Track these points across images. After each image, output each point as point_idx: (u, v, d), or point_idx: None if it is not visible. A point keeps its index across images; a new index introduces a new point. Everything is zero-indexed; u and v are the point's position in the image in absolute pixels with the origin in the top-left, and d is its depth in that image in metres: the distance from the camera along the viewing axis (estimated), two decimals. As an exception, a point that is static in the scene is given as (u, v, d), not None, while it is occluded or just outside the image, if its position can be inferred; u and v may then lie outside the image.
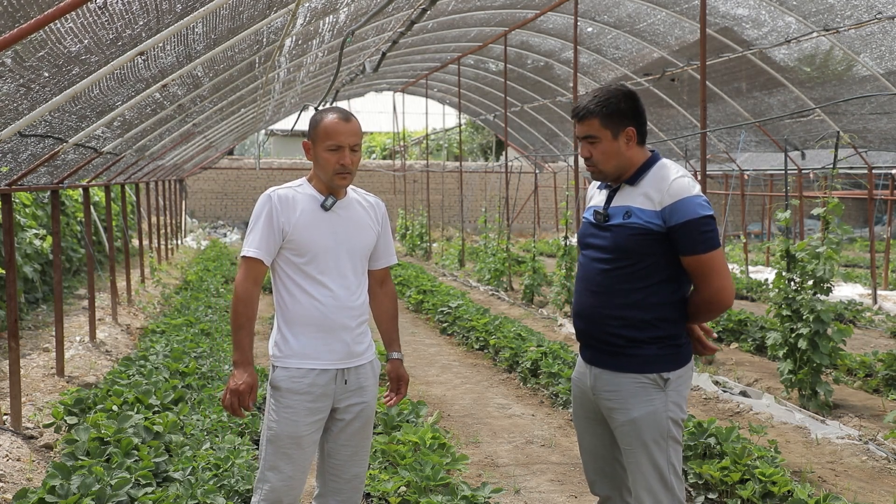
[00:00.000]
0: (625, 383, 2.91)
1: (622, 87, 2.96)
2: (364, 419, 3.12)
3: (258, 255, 3.01)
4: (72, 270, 11.96)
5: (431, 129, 27.96)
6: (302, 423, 2.99)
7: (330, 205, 3.07)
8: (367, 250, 3.16)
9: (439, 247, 20.33)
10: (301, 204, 3.05)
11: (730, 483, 4.45)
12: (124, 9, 3.94)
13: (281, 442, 2.99)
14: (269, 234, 3.02)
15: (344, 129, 3.02)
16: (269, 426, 3.04)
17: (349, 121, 3.04)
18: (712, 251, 2.80)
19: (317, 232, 3.04)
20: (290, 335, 3.05)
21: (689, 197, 2.79)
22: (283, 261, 3.07)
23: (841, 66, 10.18)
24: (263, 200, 3.06)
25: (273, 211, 3.02)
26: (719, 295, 2.85)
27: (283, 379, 3.02)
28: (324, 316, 3.02)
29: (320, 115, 3.08)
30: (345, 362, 3.06)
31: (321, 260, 3.03)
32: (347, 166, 3.02)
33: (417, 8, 10.23)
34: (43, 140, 5.26)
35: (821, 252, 6.45)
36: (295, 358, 3.03)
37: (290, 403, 3.00)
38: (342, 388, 3.06)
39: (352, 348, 3.07)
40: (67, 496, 3.84)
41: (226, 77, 8.07)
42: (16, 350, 5.40)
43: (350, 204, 3.15)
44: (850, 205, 23.36)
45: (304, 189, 3.11)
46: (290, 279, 3.06)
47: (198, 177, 26.14)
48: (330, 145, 3.02)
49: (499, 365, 8.01)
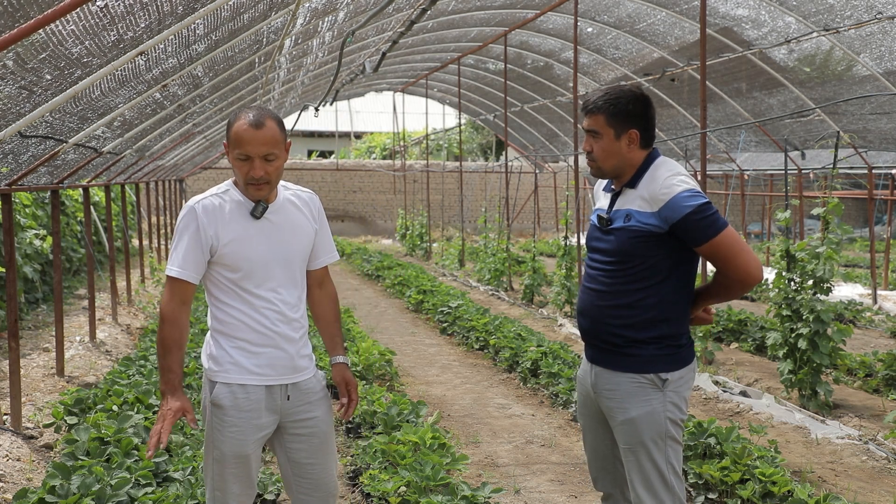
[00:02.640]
0: (623, 383, 2.92)
1: (636, 89, 2.97)
2: (321, 435, 2.94)
3: (182, 275, 2.78)
4: (72, 270, 11.96)
5: (431, 129, 27.96)
6: (249, 441, 2.82)
7: (260, 213, 2.80)
8: (305, 254, 2.94)
9: (439, 247, 20.33)
10: (229, 214, 2.79)
11: (730, 483, 4.45)
12: (126, 10, 3.94)
13: (228, 462, 2.82)
14: (195, 251, 2.77)
15: (252, 138, 2.68)
16: (214, 446, 2.84)
17: (261, 127, 2.69)
18: (721, 232, 2.79)
19: (249, 245, 2.79)
20: (230, 348, 2.83)
21: (678, 194, 2.80)
22: (217, 274, 2.84)
23: (841, 66, 10.18)
24: (187, 214, 2.78)
25: (200, 227, 2.76)
26: (746, 270, 2.81)
27: (226, 396, 2.81)
28: (266, 329, 2.82)
29: (234, 115, 2.76)
30: (289, 377, 2.87)
31: (257, 273, 2.80)
32: (259, 178, 2.72)
33: (417, 8, 10.24)
34: (44, 141, 5.27)
35: (821, 252, 6.45)
36: (236, 373, 2.82)
37: (235, 422, 2.80)
38: (287, 405, 2.88)
39: (296, 361, 2.89)
40: (67, 496, 3.84)
41: (226, 77, 8.07)
42: (16, 350, 5.40)
43: (282, 206, 2.88)
44: (850, 205, 23.36)
45: (231, 195, 2.83)
46: (225, 293, 2.84)
47: (198, 177, 26.11)
48: (238, 154, 2.72)
49: (499, 365, 8.02)
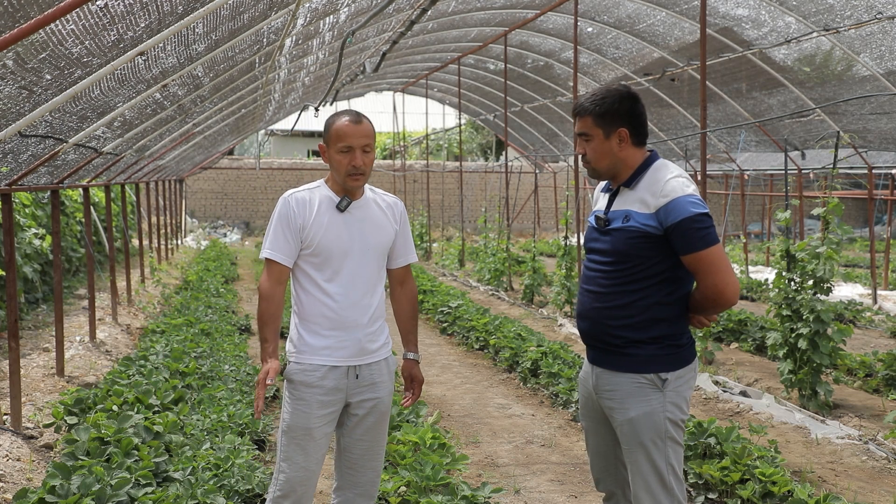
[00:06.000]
0: (623, 383, 2.93)
1: (623, 87, 2.96)
2: (377, 415, 3.20)
3: (272, 255, 3.13)
4: (72, 270, 11.96)
5: (431, 129, 27.95)
6: (314, 415, 3.09)
7: (345, 206, 3.15)
8: (382, 249, 3.22)
9: (439, 247, 20.33)
10: (317, 205, 3.15)
11: (730, 483, 4.45)
12: (126, 10, 3.94)
13: (294, 433, 3.10)
14: (286, 235, 3.13)
15: (354, 131, 3.08)
16: (283, 418, 3.15)
17: (360, 123, 3.11)
18: (710, 248, 2.78)
19: (331, 233, 3.12)
20: (304, 332, 3.14)
21: (682, 196, 2.79)
22: (301, 260, 3.17)
23: (841, 66, 10.17)
24: (281, 203, 3.17)
25: (290, 213, 3.13)
26: (720, 291, 2.81)
27: (296, 373, 3.12)
28: (335, 314, 3.11)
29: (333, 118, 3.16)
30: (356, 359, 3.14)
31: (335, 260, 3.12)
32: (359, 167, 3.09)
33: (417, 8, 10.23)
34: (43, 140, 5.26)
35: (821, 252, 6.45)
36: (308, 354, 3.12)
37: (303, 396, 3.10)
38: (354, 384, 3.14)
39: (364, 345, 3.14)
40: (67, 496, 3.84)
41: (226, 77, 8.06)
42: (16, 350, 5.40)
43: (366, 204, 3.22)
44: (850, 205, 23.36)
45: (321, 191, 3.19)
46: (307, 278, 3.15)
47: (198, 177, 26.14)
48: (341, 147, 3.09)
49: (499, 365, 8.02)
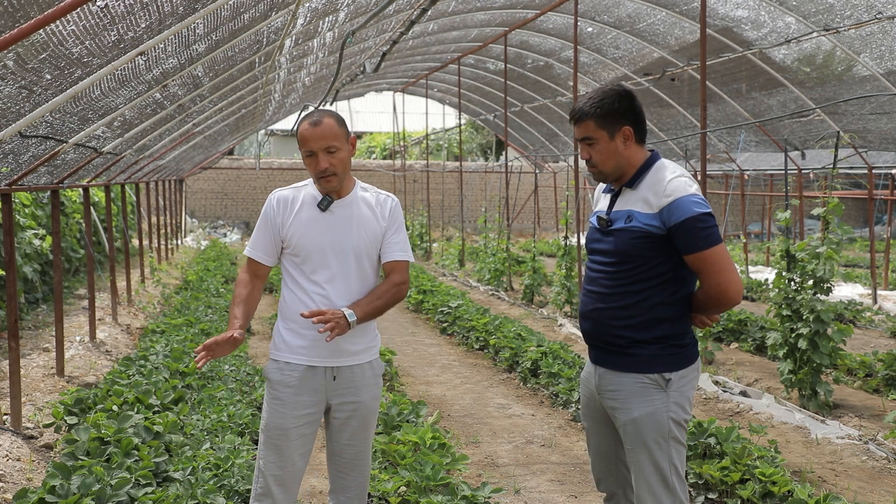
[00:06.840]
0: (626, 383, 2.92)
1: (618, 86, 2.96)
2: (360, 420, 3.13)
3: (251, 254, 3.18)
4: (72, 270, 11.95)
5: (431, 129, 27.95)
6: (289, 415, 3.05)
7: (326, 205, 3.11)
8: (365, 248, 3.13)
9: (439, 247, 20.33)
10: (299, 204, 3.14)
11: (730, 483, 4.45)
12: (126, 10, 3.94)
13: (269, 432, 3.08)
14: (266, 235, 3.16)
15: (312, 135, 3.03)
16: (262, 417, 3.15)
17: (318, 125, 3.03)
18: (713, 247, 2.78)
19: (310, 232, 3.09)
20: (284, 329, 3.13)
21: (685, 196, 2.79)
22: (285, 259, 3.18)
23: (841, 66, 10.17)
24: (266, 203, 3.19)
25: (270, 212, 3.16)
26: (723, 290, 2.81)
27: (273, 371, 3.11)
28: None
29: (300, 121, 3.12)
30: (334, 360, 3.08)
31: (314, 259, 3.09)
32: (325, 170, 3.03)
33: (417, 8, 10.23)
34: (44, 141, 5.26)
35: (821, 252, 6.45)
36: (285, 352, 3.11)
37: (279, 395, 3.07)
38: (332, 385, 3.08)
39: (342, 346, 3.07)
40: (67, 496, 3.84)
41: (226, 77, 8.06)
42: (16, 350, 5.40)
43: (351, 203, 3.14)
44: (850, 205, 23.36)
45: (308, 189, 3.17)
46: (289, 276, 3.15)
47: (198, 177, 26.13)
48: (305, 152, 3.07)
49: (499, 365, 8.01)
